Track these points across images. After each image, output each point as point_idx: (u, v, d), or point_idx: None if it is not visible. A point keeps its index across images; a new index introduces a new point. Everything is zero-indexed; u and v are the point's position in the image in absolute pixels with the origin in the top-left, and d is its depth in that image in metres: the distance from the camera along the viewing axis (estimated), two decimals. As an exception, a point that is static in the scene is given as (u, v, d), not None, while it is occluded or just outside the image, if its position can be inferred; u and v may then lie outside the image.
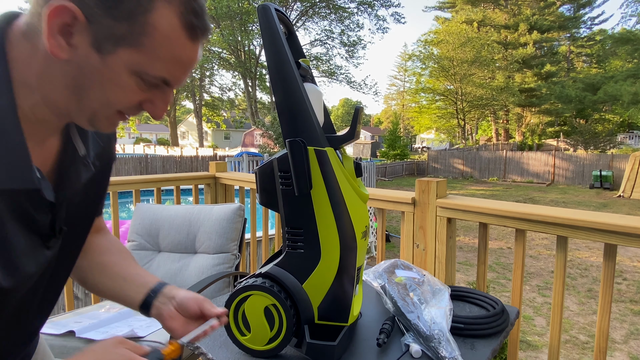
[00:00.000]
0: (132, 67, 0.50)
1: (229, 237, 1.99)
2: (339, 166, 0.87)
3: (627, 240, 1.14)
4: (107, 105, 0.53)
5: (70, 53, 0.48)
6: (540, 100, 29.82)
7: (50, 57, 0.49)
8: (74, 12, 0.46)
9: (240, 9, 18.90)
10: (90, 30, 0.47)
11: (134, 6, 0.47)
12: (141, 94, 0.53)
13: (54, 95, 0.52)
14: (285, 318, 0.86)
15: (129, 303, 0.78)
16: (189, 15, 0.51)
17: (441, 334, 0.90)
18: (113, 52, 0.49)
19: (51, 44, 0.47)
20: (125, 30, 0.48)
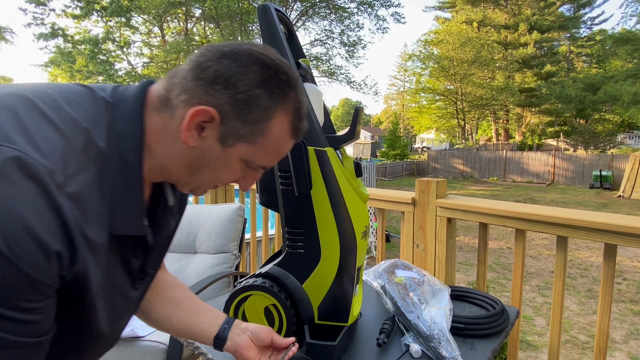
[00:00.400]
0: (243, 157, 0.60)
1: (229, 237, 1.99)
2: (339, 166, 0.87)
3: (627, 240, 1.14)
4: (213, 181, 0.64)
5: (198, 142, 0.58)
6: (540, 100, 29.80)
7: (180, 140, 0.58)
8: (213, 115, 0.55)
9: (240, 9, 18.89)
10: (220, 128, 0.57)
11: (260, 115, 0.57)
12: (241, 174, 0.64)
13: (171, 168, 0.61)
14: (285, 318, 0.86)
15: (201, 335, 0.81)
16: (297, 122, 0.62)
17: (441, 334, 0.90)
18: (233, 146, 0.59)
19: (186, 135, 0.56)
20: (247, 131, 0.58)
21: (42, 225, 0.44)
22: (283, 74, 0.59)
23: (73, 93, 0.56)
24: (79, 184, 0.50)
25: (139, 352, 1.45)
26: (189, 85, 0.56)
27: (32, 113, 0.50)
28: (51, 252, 0.44)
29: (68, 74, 20.60)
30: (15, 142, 0.45)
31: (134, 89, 0.60)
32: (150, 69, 22.75)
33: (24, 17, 34.74)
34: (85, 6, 20.16)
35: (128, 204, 0.57)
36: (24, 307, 0.43)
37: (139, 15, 21.45)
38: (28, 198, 0.43)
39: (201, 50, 0.59)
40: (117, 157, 0.55)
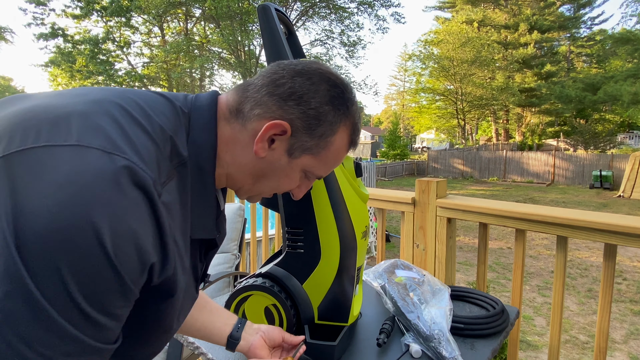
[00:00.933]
0: (305, 168, 0.65)
1: (229, 237, 1.99)
2: (339, 166, 0.87)
3: (627, 240, 1.14)
4: (272, 190, 0.67)
5: (267, 153, 0.61)
6: (540, 100, 29.79)
7: (250, 151, 0.61)
8: (286, 129, 0.59)
9: (240, 9, 18.88)
10: (290, 141, 0.61)
11: (327, 129, 0.62)
12: (298, 183, 0.68)
13: (237, 176, 0.64)
14: (285, 318, 0.86)
15: (215, 334, 0.83)
16: (354, 135, 0.67)
17: (441, 334, 0.90)
18: (298, 157, 0.63)
19: (258, 146, 0.60)
20: (313, 144, 0.62)
21: (146, 235, 0.46)
22: (348, 92, 0.64)
23: (154, 101, 0.58)
24: (169, 193, 0.52)
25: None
26: (264, 100, 0.60)
27: (128, 120, 0.51)
28: (147, 264, 0.47)
29: (68, 74, 20.60)
30: (124, 151, 0.47)
31: (205, 99, 0.63)
32: (150, 69, 22.76)
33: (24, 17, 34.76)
34: (85, 6, 20.17)
35: (203, 210, 0.61)
36: (109, 311, 0.45)
37: (139, 15, 21.45)
38: (136, 208, 0.45)
39: (274, 68, 0.63)
40: (195, 165, 0.59)
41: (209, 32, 22.37)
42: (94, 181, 0.43)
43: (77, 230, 0.40)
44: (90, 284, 0.42)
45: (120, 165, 0.45)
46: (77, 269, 0.41)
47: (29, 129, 0.45)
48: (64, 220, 0.40)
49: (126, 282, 0.45)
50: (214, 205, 0.62)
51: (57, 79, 21.53)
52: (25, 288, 0.39)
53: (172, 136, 0.56)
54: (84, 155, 0.44)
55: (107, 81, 21.02)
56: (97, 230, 0.41)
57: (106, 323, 0.45)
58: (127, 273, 0.44)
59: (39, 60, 45.61)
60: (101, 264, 0.42)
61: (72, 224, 0.40)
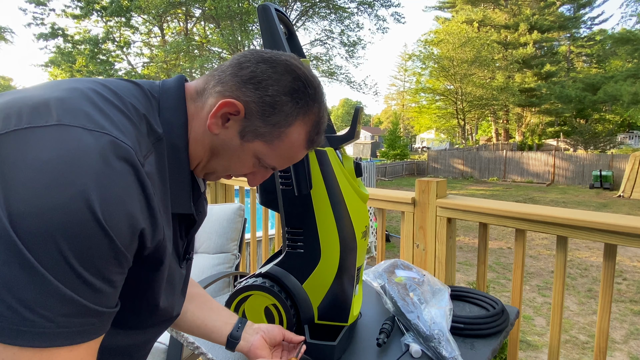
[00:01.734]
0: (257, 154, 0.65)
1: (229, 237, 1.99)
2: (339, 166, 0.87)
3: (627, 240, 1.14)
4: (225, 169, 0.68)
5: (221, 131, 0.63)
6: (540, 100, 29.78)
7: (206, 127, 0.63)
8: (239, 109, 0.61)
9: (240, 9, 18.88)
10: (243, 122, 0.62)
11: (282, 119, 0.62)
12: (251, 169, 0.69)
13: (195, 150, 0.65)
14: (285, 318, 0.86)
15: (215, 332, 0.83)
16: (313, 134, 0.67)
17: (441, 334, 0.90)
18: (250, 142, 0.63)
19: (211, 121, 0.62)
20: (266, 131, 0.62)
21: (134, 203, 0.48)
22: (311, 88, 0.64)
23: (124, 86, 0.61)
24: (150, 165, 0.55)
25: (139, 352, 1.45)
26: (226, 79, 0.62)
27: (103, 101, 0.54)
28: (137, 229, 0.49)
29: (68, 74, 20.58)
30: (105, 127, 0.49)
31: (172, 82, 0.66)
32: (150, 69, 22.74)
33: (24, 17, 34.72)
34: (85, 6, 20.15)
35: (180, 185, 0.63)
36: (104, 275, 0.47)
37: (139, 15, 21.44)
38: (122, 177, 0.48)
39: (244, 52, 0.65)
40: (169, 142, 0.61)
41: (209, 32, 22.36)
42: (80, 156, 0.45)
43: (68, 201, 0.42)
44: (85, 250, 0.44)
45: (103, 141, 0.48)
46: (71, 237, 0.43)
47: (10, 115, 0.47)
48: (54, 193, 0.42)
49: (119, 246, 0.47)
50: (188, 181, 0.64)
51: (57, 79, 21.51)
52: (22, 255, 0.41)
53: (146, 114, 0.59)
54: (67, 133, 0.46)
55: (108, 81, 21.00)
56: (87, 200, 0.43)
57: (102, 287, 0.47)
58: (119, 238, 0.46)
59: (39, 60, 45.65)
60: (94, 231, 0.44)
61: (62, 196, 0.42)
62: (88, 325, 0.46)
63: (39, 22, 20.09)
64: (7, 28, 21.40)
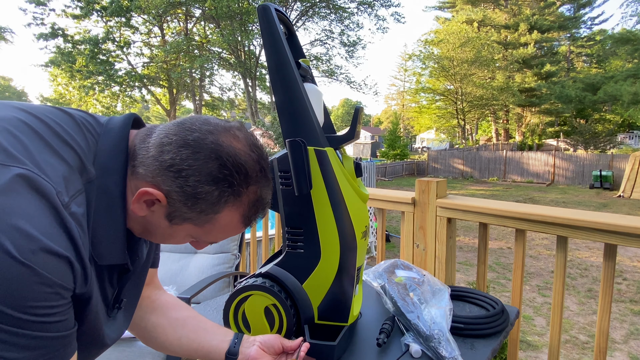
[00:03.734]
0: (190, 233, 0.63)
1: (229, 237, 1.99)
2: (339, 166, 0.87)
3: (627, 240, 1.14)
4: (161, 242, 0.67)
5: (147, 214, 0.60)
6: (540, 100, 29.78)
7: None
8: (160, 199, 0.57)
9: (240, 9, 18.88)
10: (168, 209, 0.59)
11: (207, 208, 0.59)
12: (188, 241, 0.67)
13: (129, 216, 0.62)
14: (285, 318, 0.86)
15: (212, 352, 0.81)
16: (250, 214, 0.63)
17: (441, 334, 0.90)
18: (179, 224, 0.61)
19: (134, 206, 0.58)
20: (194, 216, 0.59)
21: (54, 238, 0.46)
22: (241, 175, 0.59)
23: (56, 115, 0.58)
24: (78, 205, 0.52)
25: (139, 352, 1.45)
26: (148, 161, 0.58)
27: (31, 136, 0.52)
28: (59, 256, 0.46)
29: (68, 74, 20.60)
30: (23, 162, 0.47)
31: (118, 121, 0.62)
32: (150, 69, 22.75)
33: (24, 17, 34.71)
34: (85, 6, 20.17)
35: (112, 232, 0.58)
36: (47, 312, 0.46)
37: (139, 15, 21.45)
38: (36, 210, 0.45)
39: (173, 128, 0.59)
40: (101, 187, 0.57)
41: (209, 32, 22.36)
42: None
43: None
44: (14, 295, 0.42)
45: (16, 173, 0.45)
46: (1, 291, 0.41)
47: None
48: None
49: (51, 280, 0.45)
50: (122, 227, 0.60)
51: (57, 79, 21.53)
52: None
53: (78, 152, 0.56)
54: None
55: (107, 81, 21.02)
56: (1, 246, 0.41)
57: (50, 319, 0.46)
58: (49, 272, 0.45)
59: (39, 60, 45.61)
60: (20, 275, 0.42)
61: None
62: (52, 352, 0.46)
63: (39, 22, 20.10)
64: (7, 28, 21.41)
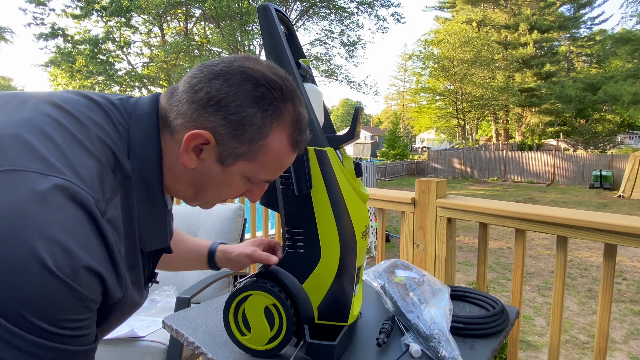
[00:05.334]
0: (244, 173, 0.61)
1: (229, 237, 1.99)
2: (339, 166, 0.87)
3: (627, 240, 1.14)
4: (218, 197, 0.65)
5: (197, 164, 0.58)
6: (540, 100, 29.78)
7: (181, 164, 0.58)
8: (208, 138, 0.56)
9: (240, 9, 18.88)
10: (217, 149, 0.57)
11: (256, 134, 0.57)
12: (245, 189, 0.65)
13: (176, 187, 0.62)
14: (285, 318, 0.86)
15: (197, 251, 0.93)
16: (296, 135, 0.61)
17: (441, 334, 0.90)
18: (232, 165, 0.59)
19: (184, 158, 0.57)
20: (245, 150, 0.57)
21: (92, 251, 0.46)
22: (277, 90, 0.58)
23: (84, 107, 0.56)
24: (114, 208, 0.52)
25: (139, 352, 1.45)
26: (184, 108, 0.57)
27: (64, 135, 0.50)
28: (94, 273, 0.46)
29: (68, 74, 20.59)
30: (61, 171, 0.46)
31: (145, 107, 0.60)
32: (150, 69, 22.74)
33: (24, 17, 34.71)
34: (85, 6, 20.15)
35: (155, 222, 0.60)
36: (76, 325, 0.46)
37: (139, 15, 21.45)
38: (75, 223, 0.45)
39: (194, 71, 0.59)
40: (140, 179, 0.57)
41: (209, 32, 22.36)
42: (30, 206, 0.42)
43: (22, 268, 0.40)
44: (48, 309, 0.42)
45: (55, 185, 0.44)
46: (31, 299, 0.41)
47: None
48: (6, 263, 0.40)
49: (84, 294, 0.45)
50: (164, 216, 0.61)
51: (57, 78, 21.52)
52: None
53: (111, 147, 0.54)
54: (19, 180, 0.43)
55: (107, 81, 21.01)
56: (40, 259, 0.41)
57: (76, 333, 0.46)
58: (82, 286, 0.44)
59: (39, 60, 45.61)
60: (56, 289, 0.42)
61: (15, 263, 0.40)
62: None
63: (39, 22, 20.09)
64: (7, 28, 21.38)
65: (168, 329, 1.05)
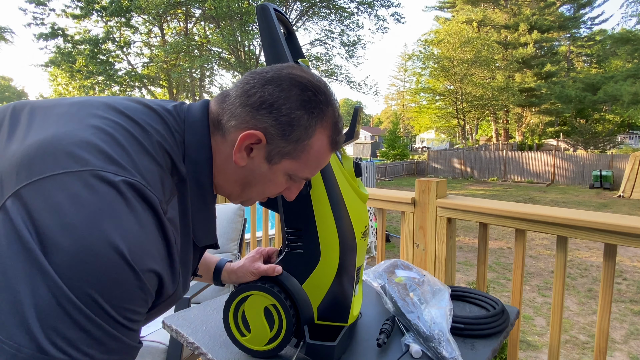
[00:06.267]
0: (288, 171, 0.66)
1: (229, 237, 1.99)
2: (339, 166, 0.87)
3: (627, 240, 1.14)
4: (261, 194, 0.70)
5: (247, 162, 0.64)
6: (540, 100, 29.77)
7: (232, 161, 0.64)
8: (260, 137, 0.61)
9: (240, 9, 18.86)
10: (267, 148, 0.63)
11: (302, 134, 0.63)
12: (285, 186, 0.70)
13: (225, 185, 0.68)
14: (285, 318, 0.86)
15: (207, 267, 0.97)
16: (335, 135, 0.67)
17: (441, 334, 0.90)
18: (278, 163, 0.65)
19: (236, 156, 0.63)
20: (291, 149, 0.63)
21: (156, 250, 0.51)
22: (321, 94, 0.64)
23: (147, 117, 0.61)
24: (173, 209, 0.57)
25: (139, 352, 1.45)
26: (238, 111, 0.63)
27: (130, 141, 0.55)
28: (157, 274, 0.52)
29: (68, 74, 20.58)
30: (132, 174, 0.51)
31: (197, 112, 0.66)
32: (150, 69, 22.74)
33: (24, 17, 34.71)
34: (85, 6, 20.14)
35: (205, 221, 0.66)
36: (134, 317, 0.50)
37: (139, 15, 21.44)
38: (148, 226, 0.50)
39: (246, 77, 0.65)
40: (194, 181, 0.63)
41: (209, 32, 22.35)
42: (107, 204, 0.47)
43: (100, 253, 0.45)
44: (118, 296, 0.46)
45: (129, 184, 0.50)
46: (107, 287, 0.45)
47: (45, 158, 0.49)
48: (86, 247, 0.44)
49: (147, 288, 0.50)
50: (214, 216, 0.67)
51: (57, 79, 21.52)
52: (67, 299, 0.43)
53: (170, 152, 0.60)
54: (95, 180, 0.48)
55: (107, 81, 21.00)
56: (117, 248, 0.46)
57: (133, 326, 0.50)
58: (148, 280, 0.49)
59: (39, 60, 45.61)
60: (126, 275, 0.46)
61: (94, 248, 0.45)
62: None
63: (39, 22, 20.07)
64: (7, 28, 21.38)
65: (168, 329, 1.05)
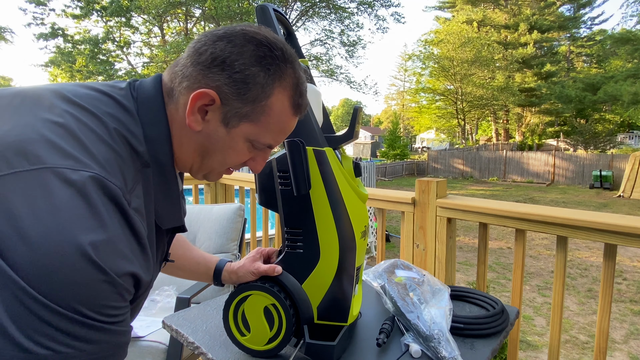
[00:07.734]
0: (248, 136, 0.62)
1: (229, 237, 1.99)
2: (338, 166, 0.86)
3: (627, 240, 1.14)
4: (223, 164, 0.65)
5: (203, 126, 0.60)
6: (540, 100, 29.77)
7: (187, 127, 0.60)
8: (213, 97, 0.57)
9: (240, 9, 18.88)
10: (222, 109, 0.59)
11: (259, 93, 0.59)
12: (249, 155, 0.66)
13: (184, 156, 0.63)
14: (284, 318, 0.86)
15: (205, 264, 0.96)
16: (297, 97, 0.63)
17: (441, 334, 0.90)
18: (236, 126, 0.60)
19: (190, 119, 0.59)
20: (248, 110, 0.59)
21: (125, 244, 0.48)
22: (278, 50, 0.60)
23: (97, 101, 0.57)
24: (137, 197, 0.54)
25: (139, 352, 1.45)
26: (189, 71, 0.58)
27: (85, 132, 0.52)
28: (131, 271, 0.49)
29: (68, 74, 20.58)
30: (90, 166, 0.48)
31: (149, 90, 0.62)
32: (150, 69, 22.73)
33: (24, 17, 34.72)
34: (85, 6, 20.14)
35: (170, 201, 0.62)
36: (115, 313, 0.48)
37: (139, 15, 21.44)
38: (109, 215, 0.47)
39: (198, 37, 0.61)
40: (154, 161, 0.59)
41: (209, 32, 22.33)
42: (67, 202, 0.44)
43: (64, 255, 0.42)
44: (92, 298, 0.44)
45: (88, 178, 0.46)
46: (78, 291, 0.43)
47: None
48: (49, 250, 0.42)
49: (120, 283, 0.47)
50: (178, 194, 0.63)
51: (57, 79, 21.51)
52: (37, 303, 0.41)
53: (127, 137, 0.56)
54: (54, 176, 0.45)
55: (107, 81, 21.00)
56: (82, 249, 0.43)
57: (112, 319, 0.48)
58: (119, 276, 0.47)
59: (39, 60, 45.62)
60: (96, 278, 0.44)
61: (57, 251, 0.42)
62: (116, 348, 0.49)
63: (39, 22, 20.07)
64: (7, 28, 21.37)
65: (168, 329, 1.05)
